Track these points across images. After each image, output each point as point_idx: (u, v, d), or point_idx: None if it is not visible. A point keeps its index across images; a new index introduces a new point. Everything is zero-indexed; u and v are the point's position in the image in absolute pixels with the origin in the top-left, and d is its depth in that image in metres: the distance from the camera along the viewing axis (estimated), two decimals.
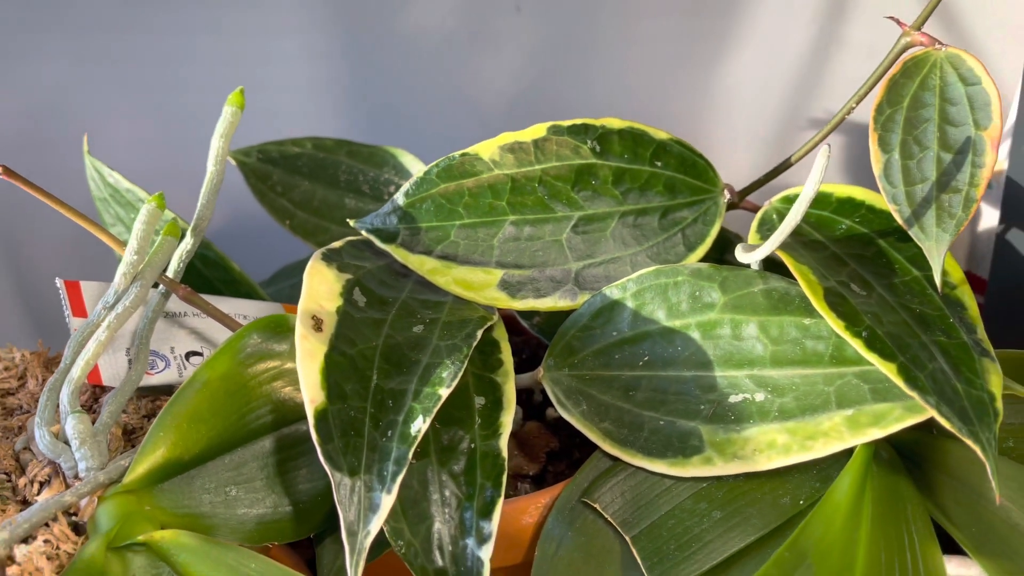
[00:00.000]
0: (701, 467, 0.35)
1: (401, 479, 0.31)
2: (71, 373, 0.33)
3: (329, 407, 0.32)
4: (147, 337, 0.36)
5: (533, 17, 0.58)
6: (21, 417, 0.37)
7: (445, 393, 0.32)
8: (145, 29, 0.55)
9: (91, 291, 0.37)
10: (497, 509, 0.33)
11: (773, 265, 0.38)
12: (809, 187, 0.33)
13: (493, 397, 0.36)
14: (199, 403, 0.32)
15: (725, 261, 0.42)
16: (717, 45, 0.59)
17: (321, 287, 0.36)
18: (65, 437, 0.32)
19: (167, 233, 0.36)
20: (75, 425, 0.32)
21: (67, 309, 0.36)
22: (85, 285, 0.37)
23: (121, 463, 0.32)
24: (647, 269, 0.38)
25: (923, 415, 0.33)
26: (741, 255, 0.36)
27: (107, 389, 0.37)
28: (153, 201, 0.35)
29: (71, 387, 0.32)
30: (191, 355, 0.38)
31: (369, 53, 0.58)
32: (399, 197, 0.39)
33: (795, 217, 0.33)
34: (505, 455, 0.34)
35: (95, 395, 0.37)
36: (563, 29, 0.59)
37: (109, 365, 0.36)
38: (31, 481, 0.32)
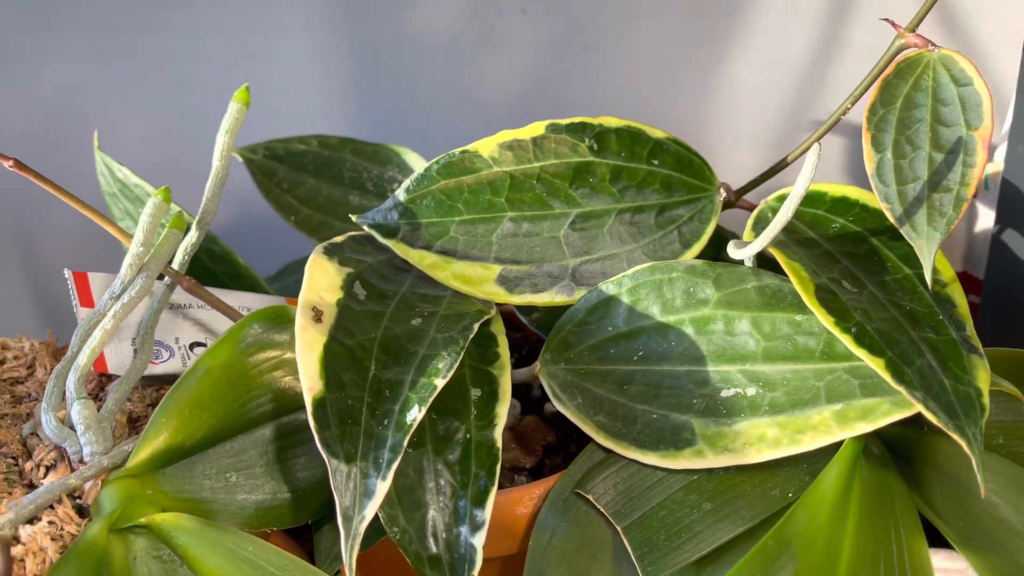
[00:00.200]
0: (692, 459, 0.35)
1: (396, 466, 0.31)
2: (77, 361, 0.34)
3: (327, 396, 0.32)
4: (152, 327, 0.37)
5: (538, 19, 0.59)
6: (29, 404, 0.38)
7: (441, 383, 0.33)
8: (154, 29, 0.56)
9: (98, 282, 0.38)
10: (491, 497, 0.33)
11: (768, 263, 0.39)
12: (799, 185, 0.33)
13: (489, 389, 0.37)
14: (201, 391, 0.32)
15: (722, 259, 0.43)
16: (720, 47, 0.60)
17: (322, 280, 0.36)
18: (71, 423, 0.33)
19: (173, 226, 0.37)
20: (80, 411, 0.33)
21: (75, 299, 0.37)
22: (93, 276, 0.38)
23: (125, 448, 0.32)
24: (642, 265, 0.38)
25: (910, 410, 0.33)
26: (733, 251, 0.37)
27: (113, 378, 0.38)
28: (159, 195, 0.36)
29: (77, 374, 0.33)
30: (195, 346, 0.39)
31: (375, 53, 0.59)
32: (400, 193, 0.40)
33: (786, 214, 0.34)
34: (499, 445, 0.35)
35: (101, 384, 0.38)
36: (567, 30, 0.59)
37: (115, 354, 0.37)
38: (37, 465, 0.33)
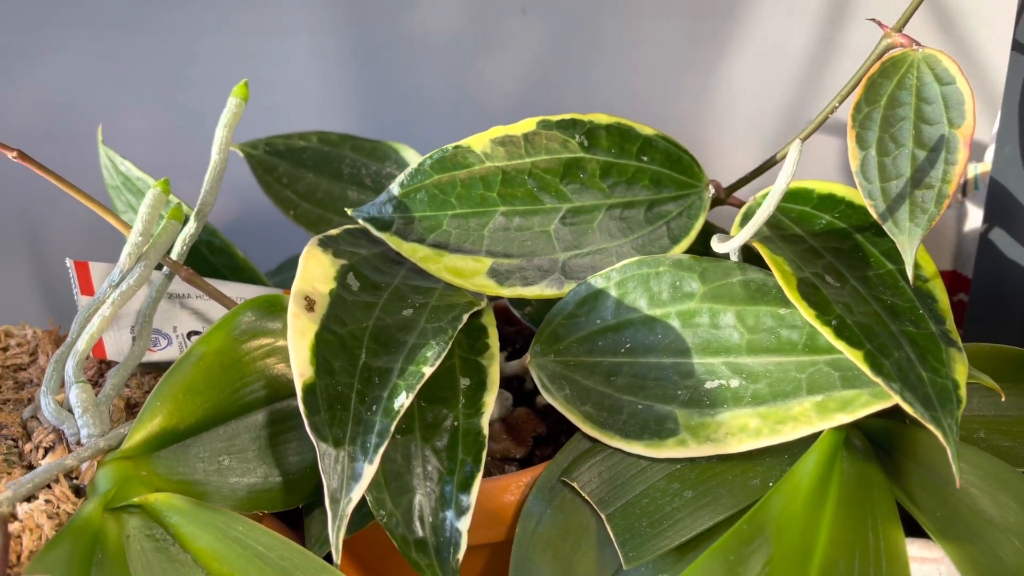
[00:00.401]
0: (675, 449, 0.36)
1: (383, 451, 0.32)
2: (76, 346, 0.35)
3: (317, 382, 0.33)
4: (150, 316, 0.38)
5: (538, 19, 0.60)
6: (31, 390, 0.39)
7: (428, 371, 0.34)
8: (159, 28, 0.57)
9: (99, 271, 0.39)
10: (476, 483, 0.34)
11: (755, 258, 0.39)
12: (781, 180, 0.34)
13: (478, 379, 0.37)
14: (195, 375, 0.33)
15: (710, 255, 0.43)
16: (718, 48, 0.61)
17: (316, 270, 0.37)
18: (69, 406, 0.34)
19: (171, 217, 0.38)
20: (78, 394, 0.34)
21: (76, 288, 0.38)
22: (93, 266, 0.39)
23: (121, 431, 0.33)
24: (630, 259, 0.39)
25: (888, 401, 0.34)
26: (716, 245, 0.37)
27: (112, 364, 0.39)
28: (158, 186, 0.37)
29: (76, 359, 0.34)
30: (192, 334, 0.40)
31: (376, 53, 0.60)
32: (394, 187, 0.41)
33: (767, 209, 0.34)
34: (486, 432, 0.36)
35: (101, 371, 0.39)
36: (567, 31, 0.60)
37: (114, 341, 0.38)
38: (36, 447, 0.34)
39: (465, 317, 0.37)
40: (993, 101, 0.50)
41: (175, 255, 0.39)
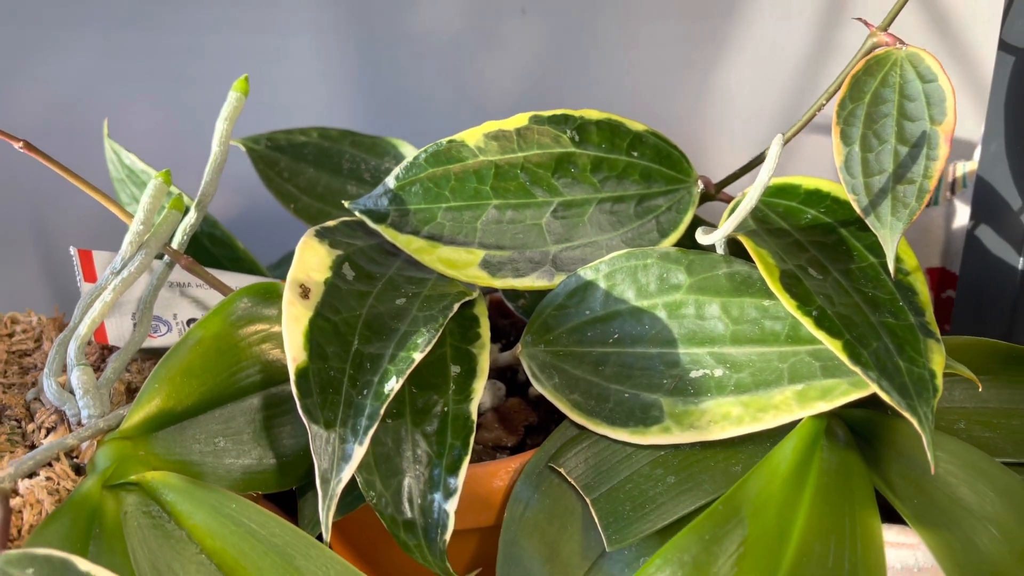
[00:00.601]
0: (660, 435, 0.37)
1: (373, 433, 0.33)
2: (78, 330, 0.36)
3: (310, 366, 0.34)
4: (151, 303, 0.39)
5: (538, 19, 0.61)
6: (35, 374, 0.40)
7: (418, 357, 0.35)
8: (164, 26, 0.58)
9: (102, 259, 0.40)
10: (464, 466, 0.35)
11: (745, 254, 0.40)
12: (763, 174, 0.35)
13: (468, 366, 0.38)
14: (192, 359, 0.34)
15: (700, 249, 0.44)
16: (716, 49, 0.61)
17: (312, 260, 0.38)
18: (71, 388, 0.35)
19: (172, 207, 0.39)
20: (79, 376, 0.35)
21: (79, 275, 0.39)
22: (97, 254, 0.40)
23: (120, 412, 0.34)
24: (619, 252, 0.40)
25: (867, 390, 0.35)
26: (701, 237, 0.38)
27: (114, 350, 0.40)
28: (160, 177, 0.38)
29: (77, 342, 0.35)
30: (192, 322, 0.41)
31: (379, 52, 0.61)
32: (390, 180, 0.42)
33: (749, 202, 0.35)
34: (474, 418, 0.36)
35: (103, 356, 0.40)
36: (566, 31, 0.61)
37: (115, 327, 0.39)
38: (39, 427, 0.35)
39: (456, 306, 0.38)
40: (985, 101, 0.51)
41: (176, 244, 0.40)
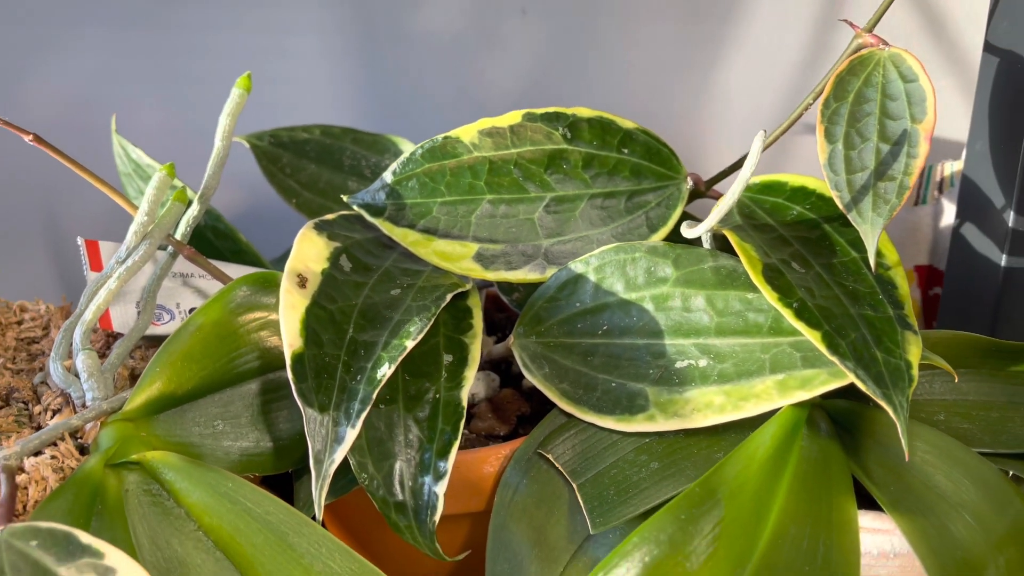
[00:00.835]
0: (645, 423, 0.38)
1: (365, 416, 0.34)
2: (84, 316, 0.37)
3: (306, 352, 0.36)
4: (155, 291, 0.40)
5: (538, 20, 0.62)
6: (42, 360, 0.41)
7: (410, 344, 0.36)
8: (172, 25, 0.60)
9: (108, 249, 0.41)
10: (453, 450, 0.36)
11: (730, 248, 0.41)
12: (745, 170, 0.36)
13: (460, 355, 0.40)
14: (192, 344, 0.36)
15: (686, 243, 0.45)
16: (714, 50, 0.62)
17: (310, 251, 0.40)
18: (76, 371, 0.37)
19: (176, 199, 0.41)
20: (84, 360, 0.36)
21: (86, 264, 0.41)
22: (103, 244, 0.41)
23: (124, 395, 0.36)
24: (608, 246, 0.41)
25: (845, 379, 0.36)
26: (686, 231, 0.39)
27: (118, 337, 0.41)
28: (164, 170, 0.40)
29: (83, 328, 0.37)
30: (194, 311, 0.42)
31: (381, 52, 0.62)
32: (387, 175, 0.43)
33: (732, 196, 0.36)
34: (465, 405, 0.38)
35: (108, 343, 0.42)
36: (566, 32, 0.62)
37: (120, 315, 0.40)
38: (45, 409, 0.36)
39: (448, 297, 0.39)
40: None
41: (179, 235, 0.42)
